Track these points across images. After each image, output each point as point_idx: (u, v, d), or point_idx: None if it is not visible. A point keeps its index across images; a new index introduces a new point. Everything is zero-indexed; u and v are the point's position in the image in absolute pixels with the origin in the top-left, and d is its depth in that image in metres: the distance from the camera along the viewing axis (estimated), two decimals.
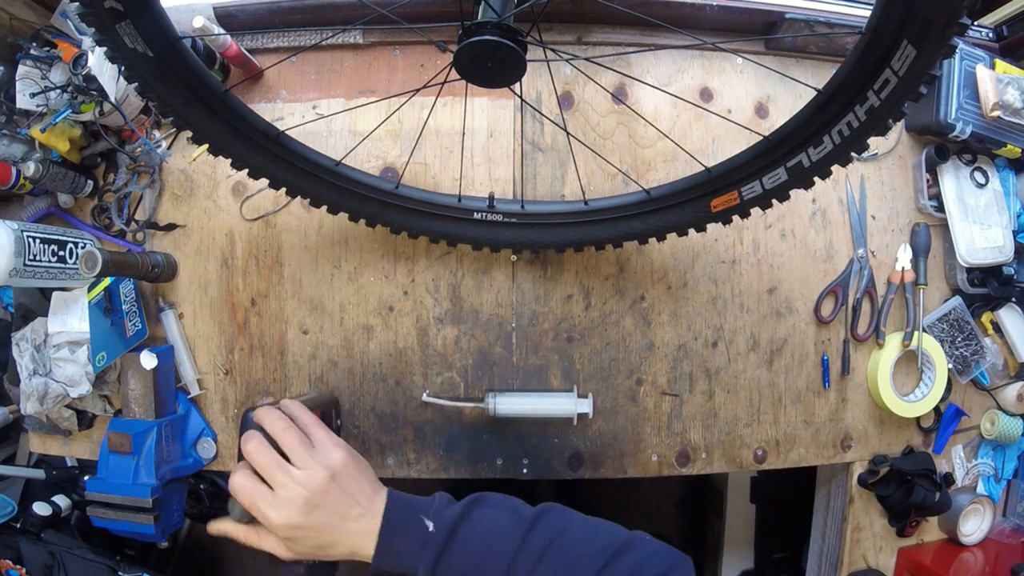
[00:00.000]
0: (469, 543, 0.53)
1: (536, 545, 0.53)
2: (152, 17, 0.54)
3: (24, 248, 0.74)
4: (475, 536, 0.54)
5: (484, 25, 0.52)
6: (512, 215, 0.78)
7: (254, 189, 0.87)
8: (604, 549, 0.52)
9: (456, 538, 0.53)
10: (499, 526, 0.54)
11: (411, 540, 0.53)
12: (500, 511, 0.56)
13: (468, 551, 0.53)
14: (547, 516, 0.55)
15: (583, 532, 0.54)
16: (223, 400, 0.88)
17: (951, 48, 0.46)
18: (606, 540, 0.53)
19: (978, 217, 0.93)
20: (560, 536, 0.53)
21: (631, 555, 0.52)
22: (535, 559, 0.52)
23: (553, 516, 0.56)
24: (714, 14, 0.85)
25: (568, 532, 0.54)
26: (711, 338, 0.90)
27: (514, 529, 0.54)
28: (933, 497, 0.91)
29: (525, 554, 0.52)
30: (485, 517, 0.55)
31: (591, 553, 0.52)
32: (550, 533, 0.54)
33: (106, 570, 0.91)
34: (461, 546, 0.53)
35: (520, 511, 0.56)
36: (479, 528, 0.54)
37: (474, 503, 0.56)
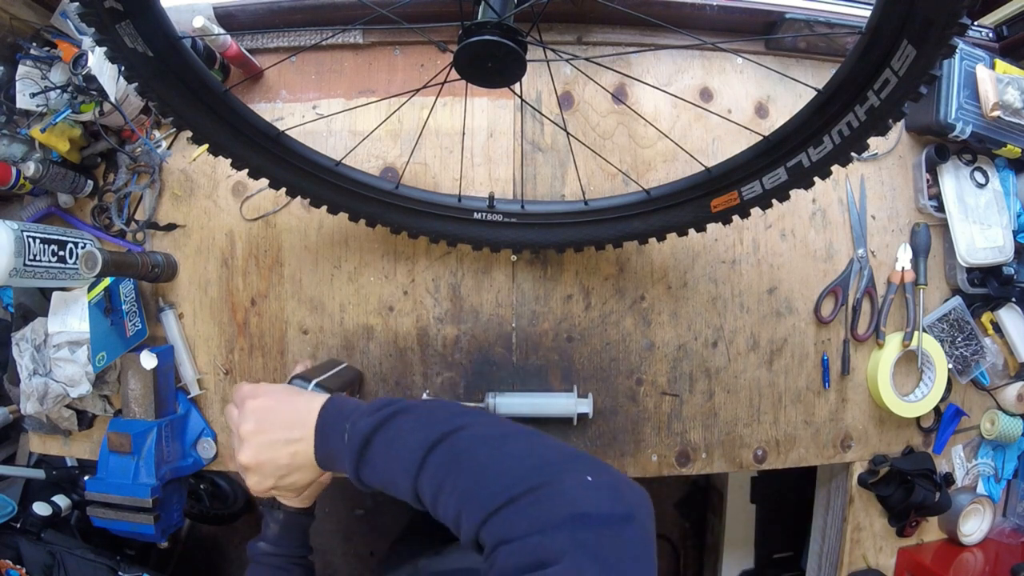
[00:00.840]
0: (378, 457, 0.52)
1: (433, 471, 0.48)
2: (152, 17, 0.54)
3: (24, 248, 0.74)
4: (383, 451, 0.51)
5: (484, 25, 0.52)
6: (512, 215, 0.78)
7: (254, 189, 0.87)
8: (505, 488, 0.43)
9: (368, 450, 0.52)
10: (406, 442, 0.50)
11: (336, 448, 0.54)
12: (415, 424, 0.52)
13: (378, 466, 0.52)
14: (455, 438, 0.49)
15: (487, 463, 0.46)
16: (223, 400, 0.88)
17: (951, 48, 0.46)
18: (510, 478, 0.44)
19: (978, 217, 0.93)
20: (460, 464, 0.47)
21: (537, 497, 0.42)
22: (434, 488, 0.47)
23: (461, 439, 0.49)
24: (714, 14, 0.85)
25: (468, 463, 0.47)
26: (711, 338, 0.90)
27: (416, 449, 0.49)
28: (933, 497, 0.91)
29: (424, 479, 0.48)
30: (401, 430, 0.52)
31: (486, 491, 0.44)
32: (451, 459, 0.48)
33: (106, 570, 0.91)
34: (371, 460, 0.52)
35: (431, 427, 0.50)
36: (388, 442, 0.52)
37: (396, 413, 0.53)
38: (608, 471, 0.45)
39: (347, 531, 1.86)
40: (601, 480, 0.43)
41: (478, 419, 0.51)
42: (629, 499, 0.43)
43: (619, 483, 0.44)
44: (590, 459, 0.47)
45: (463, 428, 0.50)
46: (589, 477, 0.43)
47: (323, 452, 0.55)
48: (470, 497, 0.45)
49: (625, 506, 0.42)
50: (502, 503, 0.42)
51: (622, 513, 0.41)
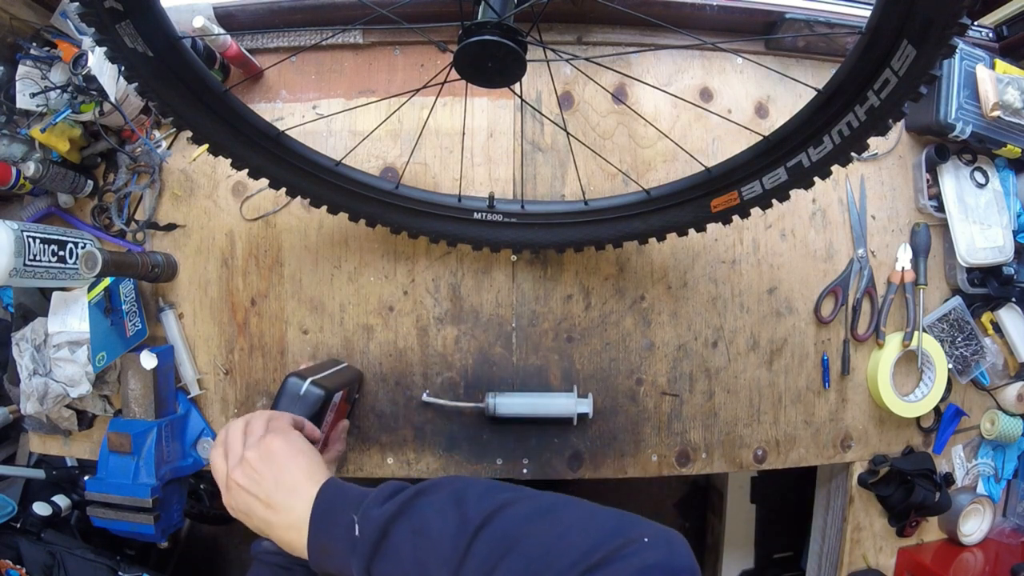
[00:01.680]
0: (403, 549, 0.46)
1: (480, 561, 0.43)
2: (152, 17, 0.54)
3: (24, 248, 0.74)
4: (409, 541, 0.46)
5: (484, 25, 0.52)
6: (512, 215, 0.78)
7: (254, 189, 0.87)
8: (575, 562, 0.41)
9: (388, 542, 0.46)
10: (440, 529, 0.45)
11: (340, 542, 0.48)
12: (444, 508, 0.47)
13: (404, 559, 0.46)
14: (502, 518, 0.45)
15: (546, 540, 0.43)
16: (223, 400, 0.88)
17: (951, 48, 0.46)
18: (575, 553, 0.41)
19: (978, 217, 0.93)
20: (513, 549, 0.43)
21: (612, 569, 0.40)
22: (487, 572, 0.43)
23: (508, 519, 0.45)
24: (714, 14, 0.85)
25: (525, 541, 0.43)
26: (711, 338, 0.90)
27: (457, 535, 0.44)
28: (933, 497, 0.91)
29: (467, 570, 0.43)
30: (426, 516, 0.47)
31: (554, 569, 0.41)
32: (501, 545, 0.43)
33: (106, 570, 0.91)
34: (393, 553, 0.46)
35: (466, 510, 0.46)
36: (415, 531, 0.46)
37: (416, 495, 0.48)
38: (654, 528, 0.44)
39: None
40: (658, 539, 0.43)
41: (516, 494, 0.48)
42: (683, 552, 0.43)
43: (671, 538, 0.44)
44: (637, 518, 0.46)
45: (506, 506, 0.46)
46: (646, 538, 0.43)
47: (318, 545, 0.49)
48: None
49: (683, 559, 0.42)
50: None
51: (684, 566, 0.42)
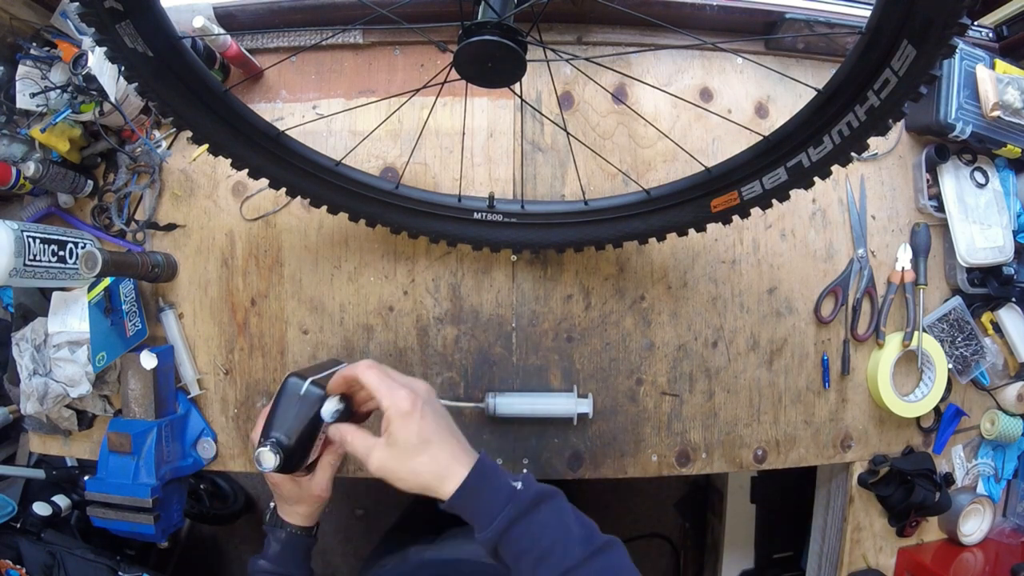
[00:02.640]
0: (545, 523, 0.54)
1: (594, 569, 0.52)
2: (152, 17, 0.54)
3: (24, 248, 0.74)
4: (553, 520, 0.54)
5: (484, 25, 0.52)
6: (512, 215, 0.78)
7: (254, 189, 0.87)
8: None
9: (539, 510, 0.54)
10: (572, 529, 0.54)
11: (497, 492, 0.54)
12: (577, 516, 0.57)
13: (541, 529, 0.53)
14: (613, 550, 0.55)
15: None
16: (223, 400, 0.88)
17: (951, 48, 0.46)
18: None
19: (978, 217, 0.93)
20: (616, 573, 0.54)
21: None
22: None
23: (616, 553, 0.55)
24: (714, 14, 0.85)
25: (623, 573, 0.54)
26: (711, 338, 0.90)
27: (583, 543, 0.53)
28: (933, 497, 0.91)
29: (583, 571, 0.52)
30: (566, 513, 0.55)
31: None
32: (611, 567, 0.54)
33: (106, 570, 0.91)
34: (537, 521, 0.53)
35: (593, 529, 0.56)
36: (558, 516, 0.55)
37: (559, 493, 0.57)
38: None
39: (347, 531, 1.86)
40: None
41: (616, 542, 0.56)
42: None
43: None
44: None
45: (612, 544, 0.55)
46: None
47: (470, 487, 0.54)
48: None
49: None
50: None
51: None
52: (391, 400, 0.56)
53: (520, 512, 0.53)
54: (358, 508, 1.86)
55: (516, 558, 0.53)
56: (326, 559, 1.84)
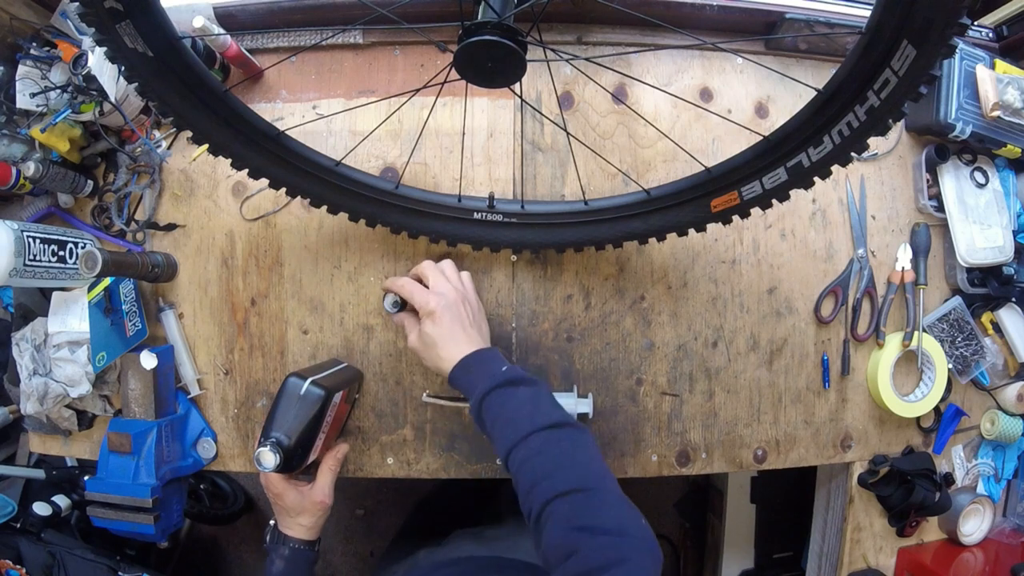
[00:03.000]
0: (512, 401, 0.64)
1: (539, 442, 0.61)
2: (152, 17, 0.54)
3: (24, 248, 0.74)
4: (521, 400, 0.64)
5: (484, 25, 0.52)
6: (512, 215, 0.78)
7: (254, 189, 0.87)
8: (577, 479, 0.57)
9: (508, 390, 0.65)
10: (537, 410, 0.63)
11: (485, 371, 0.67)
12: (554, 403, 0.66)
13: (513, 402, 0.64)
14: (565, 429, 0.62)
15: (579, 455, 0.60)
16: (223, 400, 0.88)
17: (951, 48, 0.46)
18: (581, 472, 0.58)
19: (978, 217, 0.93)
20: (558, 445, 0.60)
21: (583, 505, 0.55)
22: (532, 452, 0.60)
23: (576, 432, 0.63)
24: (714, 14, 0.85)
25: (564, 447, 0.60)
26: (711, 338, 0.90)
27: (540, 421, 0.62)
28: (933, 497, 0.91)
29: (528, 444, 0.61)
30: (543, 396, 0.66)
31: (558, 481, 0.57)
32: (555, 440, 0.61)
33: (106, 570, 0.91)
34: (512, 395, 0.64)
35: (564, 414, 0.64)
36: (527, 400, 0.64)
37: (542, 385, 0.68)
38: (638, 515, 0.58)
39: (347, 531, 1.86)
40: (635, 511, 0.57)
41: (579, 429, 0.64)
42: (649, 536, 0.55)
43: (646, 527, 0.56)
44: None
45: (572, 430, 0.63)
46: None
47: (465, 364, 0.69)
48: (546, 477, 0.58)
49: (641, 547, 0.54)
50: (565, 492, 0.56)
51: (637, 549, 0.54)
52: (421, 303, 0.74)
53: (496, 384, 0.65)
54: (358, 508, 1.87)
55: (490, 424, 0.65)
56: (326, 559, 1.84)
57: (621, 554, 0.51)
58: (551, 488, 0.56)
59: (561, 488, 0.56)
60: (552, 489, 0.56)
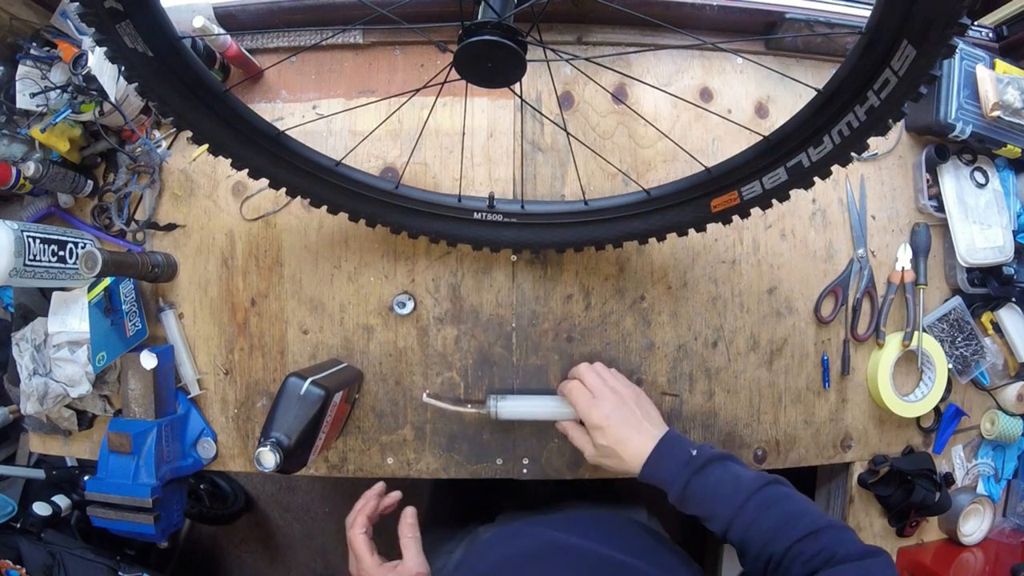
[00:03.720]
0: (713, 479, 0.67)
1: (755, 506, 0.64)
2: (152, 17, 0.54)
3: (24, 248, 0.74)
4: (721, 476, 0.67)
5: (484, 25, 0.52)
6: (512, 215, 0.78)
7: (254, 189, 0.87)
8: (809, 523, 0.61)
9: (708, 471, 0.67)
10: (740, 480, 0.66)
11: (676, 460, 0.69)
12: (745, 470, 0.69)
13: (711, 484, 0.67)
14: (772, 487, 0.66)
15: (794, 507, 0.64)
16: (223, 400, 0.88)
17: (951, 48, 0.46)
18: (810, 518, 0.62)
19: (978, 217, 0.93)
20: (775, 505, 0.64)
21: (827, 536, 0.60)
22: (753, 516, 0.63)
23: (774, 488, 0.66)
24: (714, 14, 0.85)
25: (781, 504, 0.64)
26: (711, 338, 0.90)
27: (748, 488, 0.65)
28: (933, 497, 0.91)
29: (747, 510, 0.64)
30: (734, 469, 0.68)
31: (796, 525, 0.61)
32: (769, 500, 0.64)
33: (106, 570, 0.91)
34: (708, 478, 0.67)
35: (751, 480, 0.67)
36: (727, 473, 0.67)
37: (731, 457, 0.70)
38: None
39: None
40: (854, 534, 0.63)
41: (776, 479, 0.68)
42: (873, 547, 0.61)
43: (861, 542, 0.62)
44: None
45: (770, 484, 0.66)
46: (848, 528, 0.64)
47: (658, 455, 0.70)
48: (783, 529, 0.62)
49: (875, 548, 0.60)
50: (809, 531, 0.61)
51: (875, 548, 0.60)
52: (587, 416, 0.75)
53: (693, 471, 0.67)
54: None
55: (697, 506, 0.67)
56: (326, 559, 1.84)
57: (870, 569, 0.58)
58: (789, 537, 0.61)
59: (797, 535, 0.61)
60: (790, 538, 0.61)
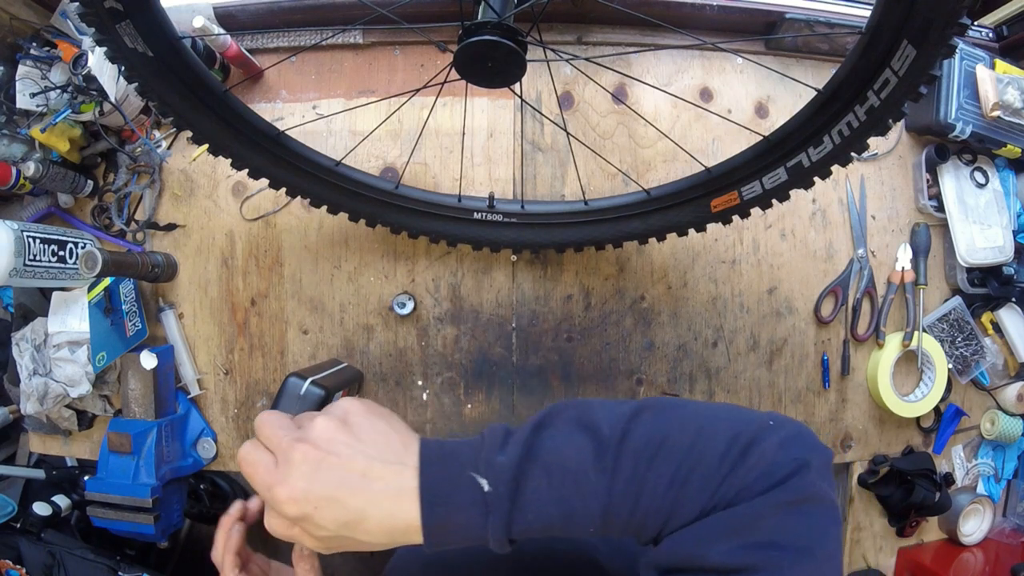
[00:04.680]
0: (542, 494, 0.38)
1: (630, 473, 0.38)
2: (152, 17, 0.54)
3: (24, 248, 0.74)
4: (549, 481, 0.39)
5: (484, 25, 0.52)
6: (512, 215, 0.78)
7: (254, 189, 0.87)
8: (721, 457, 0.38)
9: (524, 491, 0.38)
10: (577, 459, 0.39)
11: (467, 509, 0.39)
12: (573, 435, 0.40)
13: (546, 503, 0.38)
14: (637, 425, 0.40)
15: (688, 438, 0.39)
16: (223, 400, 0.88)
17: (951, 48, 0.46)
18: (718, 444, 0.38)
19: (978, 217, 0.93)
20: (659, 452, 0.38)
21: (752, 458, 0.37)
22: (635, 492, 0.38)
23: (644, 424, 0.40)
24: (714, 14, 0.85)
25: (668, 443, 0.39)
26: (711, 338, 0.90)
27: (598, 458, 0.39)
28: (933, 497, 0.91)
29: (619, 488, 0.38)
30: (555, 450, 0.39)
31: (701, 470, 0.38)
32: (645, 452, 0.38)
33: (106, 570, 0.91)
34: (534, 501, 0.38)
35: (599, 429, 0.40)
36: (551, 468, 0.39)
37: (536, 431, 0.41)
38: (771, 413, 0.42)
39: None
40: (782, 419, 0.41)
41: (639, 403, 0.42)
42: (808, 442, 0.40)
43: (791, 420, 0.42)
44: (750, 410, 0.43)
45: (638, 414, 0.41)
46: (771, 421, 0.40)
47: (437, 517, 0.39)
48: (685, 481, 0.38)
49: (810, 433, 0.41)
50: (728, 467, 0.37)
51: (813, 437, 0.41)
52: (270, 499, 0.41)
53: (508, 512, 0.38)
54: None
55: (547, 530, 0.40)
56: (325, 559, 1.84)
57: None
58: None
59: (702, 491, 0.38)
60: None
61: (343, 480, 0.39)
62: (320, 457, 0.40)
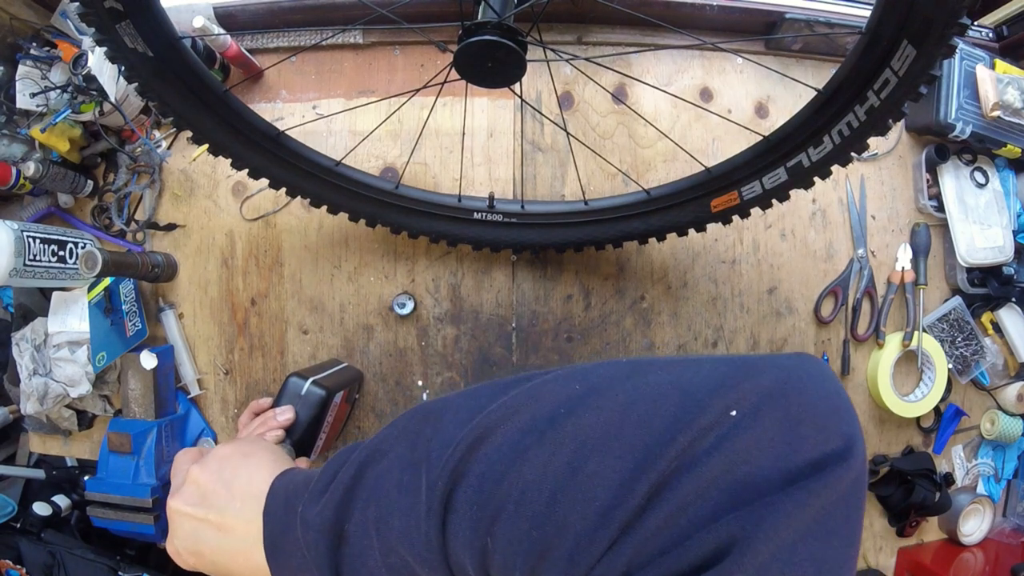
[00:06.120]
0: (368, 553, 0.33)
1: (467, 534, 0.29)
2: (152, 17, 0.54)
3: (24, 248, 0.74)
4: (374, 538, 0.33)
5: (484, 25, 0.52)
6: (512, 215, 0.78)
7: (254, 189, 0.87)
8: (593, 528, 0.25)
9: (348, 549, 0.34)
10: (403, 508, 0.32)
11: (300, 569, 0.36)
12: (402, 473, 0.33)
13: (372, 564, 0.33)
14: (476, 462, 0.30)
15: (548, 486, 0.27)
16: (223, 400, 0.88)
17: (951, 48, 0.46)
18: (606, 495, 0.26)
19: (978, 217, 0.93)
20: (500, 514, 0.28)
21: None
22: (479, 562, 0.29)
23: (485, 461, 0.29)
24: (714, 14, 0.85)
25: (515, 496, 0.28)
26: (711, 338, 0.90)
27: (426, 516, 0.30)
28: (933, 497, 0.91)
29: (457, 557, 0.30)
30: (380, 496, 0.33)
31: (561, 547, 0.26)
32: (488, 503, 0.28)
33: (106, 570, 0.91)
34: (358, 560, 0.34)
35: (430, 466, 0.31)
36: (375, 521, 0.33)
37: (363, 468, 0.35)
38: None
39: None
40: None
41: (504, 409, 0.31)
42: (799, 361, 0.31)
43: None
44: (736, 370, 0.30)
45: (486, 436, 0.30)
46: (734, 411, 0.27)
47: (285, 570, 0.38)
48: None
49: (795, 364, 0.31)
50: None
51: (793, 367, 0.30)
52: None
53: (330, 546, 0.34)
54: None
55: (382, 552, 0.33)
56: None
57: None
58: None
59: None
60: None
61: (199, 536, 0.41)
62: (183, 515, 0.42)
